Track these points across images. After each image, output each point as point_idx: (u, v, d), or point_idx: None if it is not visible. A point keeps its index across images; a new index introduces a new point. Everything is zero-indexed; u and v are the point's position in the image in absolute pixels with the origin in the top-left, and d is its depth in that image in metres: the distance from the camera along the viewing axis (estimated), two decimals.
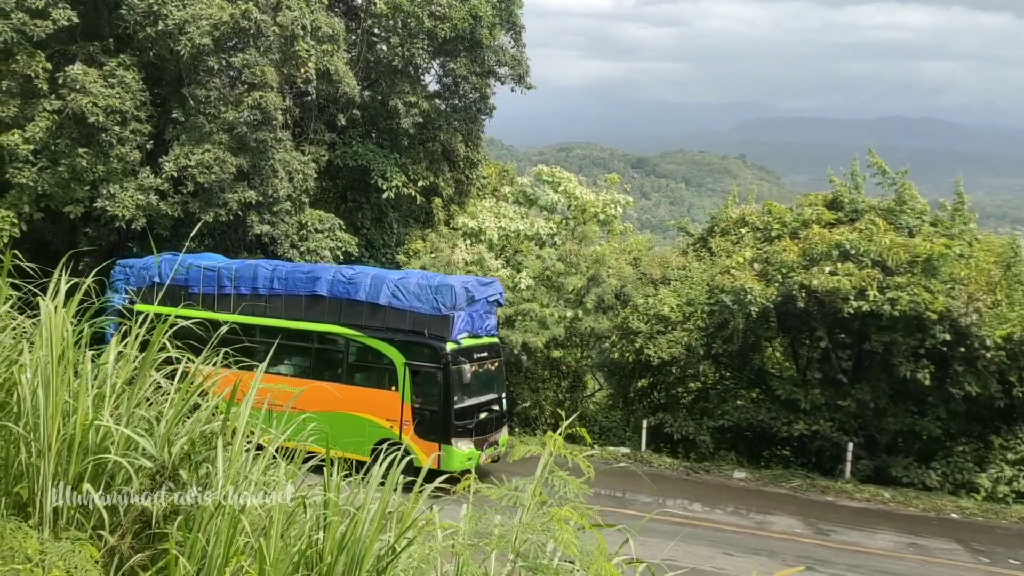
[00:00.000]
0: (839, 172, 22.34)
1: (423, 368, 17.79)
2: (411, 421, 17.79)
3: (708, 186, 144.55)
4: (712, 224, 24.77)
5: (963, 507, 18.46)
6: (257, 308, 19.18)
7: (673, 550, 14.16)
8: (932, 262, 18.47)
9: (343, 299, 18.71)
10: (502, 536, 4.22)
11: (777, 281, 19.69)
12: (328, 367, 19.14)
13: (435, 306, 17.98)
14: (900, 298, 18.03)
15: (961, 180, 21.63)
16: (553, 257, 24.05)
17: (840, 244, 19.07)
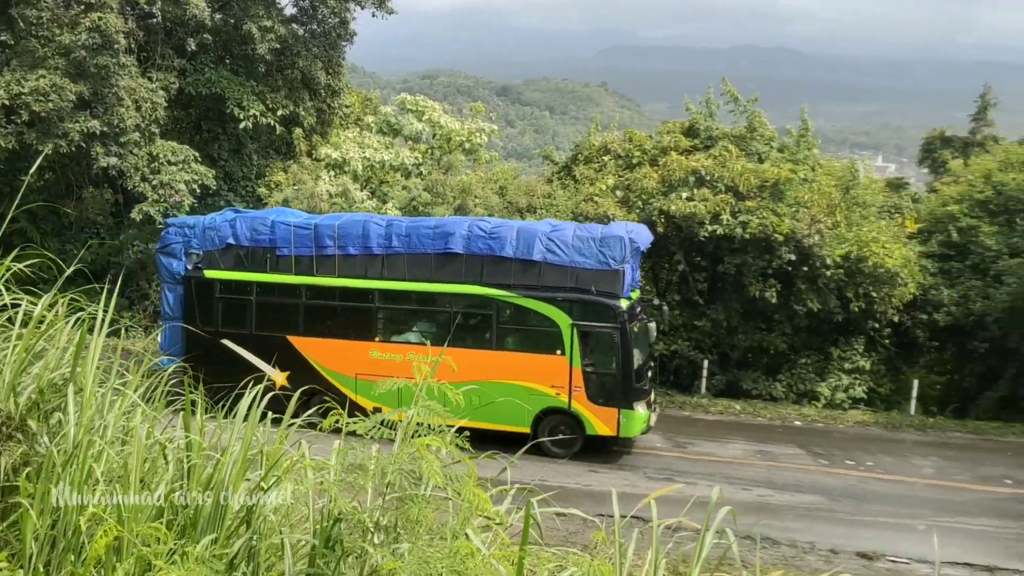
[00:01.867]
0: (695, 100, 23.06)
1: (595, 329, 16.19)
2: (581, 387, 16.30)
3: (572, 114, 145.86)
4: (576, 152, 25.12)
5: (805, 415, 19.93)
6: (371, 270, 17.23)
7: (543, 472, 14.74)
8: (779, 186, 19.49)
9: (484, 256, 16.60)
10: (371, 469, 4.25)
11: (638, 207, 20.29)
12: (471, 333, 17.13)
13: (602, 260, 16.16)
14: (751, 221, 18.99)
15: (806, 108, 22.74)
16: (419, 187, 23.85)
17: (696, 171, 19.79)
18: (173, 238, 18.16)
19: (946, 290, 20.40)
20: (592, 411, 16.20)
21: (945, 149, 30.31)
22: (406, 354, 16.54)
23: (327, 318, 17.73)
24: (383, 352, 16.92)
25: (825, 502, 15.21)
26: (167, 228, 18.47)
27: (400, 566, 3.44)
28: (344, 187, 23.30)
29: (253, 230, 17.69)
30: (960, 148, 29.99)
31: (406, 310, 17.56)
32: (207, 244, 17.88)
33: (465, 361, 16.05)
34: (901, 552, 13.44)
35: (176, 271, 18.07)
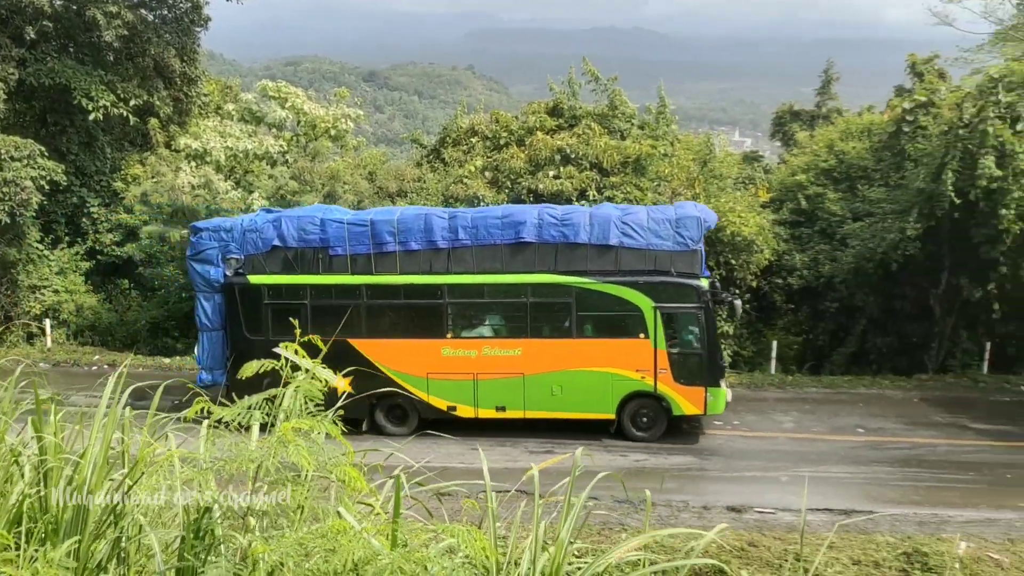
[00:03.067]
0: (558, 80, 23.47)
1: (679, 310, 16.19)
2: (667, 368, 16.26)
3: (440, 98, 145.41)
4: (444, 135, 25.16)
5: None
6: (436, 264, 16.54)
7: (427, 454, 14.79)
8: (641, 162, 20.14)
9: (557, 243, 16.25)
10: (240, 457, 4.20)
11: (507, 187, 20.55)
12: (549, 323, 16.71)
13: (680, 241, 16.04)
14: (616, 197, 19.55)
15: (663, 86, 23.56)
16: (286, 176, 23.33)
17: (562, 149, 20.21)
18: (207, 243, 16.92)
19: (798, 255, 21.63)
20: (679, 392, 16.32)
21: (794, 122, 32.00)
22: (481, 349, 16.47)
23: (392, 318, 16.99)
24: (456, 349, 16.55)
25: (697, 462, 15.93)
26: (197, 233, 17.08)
27: (271, 549, 3.45)
28: (207, 178, 22.53)
29: (301, 230, 16.70)
30: (807, 121, 31.73)
31: (478, 304, 16.89)
32: (248, 248, 16.79)
33: (544, 352, 16.40)
34: (767, 503, 14.26)
35: (214, 278, 16.94)
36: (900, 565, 12.70)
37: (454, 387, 16.54)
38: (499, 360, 16.40)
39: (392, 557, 3.39)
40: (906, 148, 21.42)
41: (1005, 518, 13.86)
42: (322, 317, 16.38)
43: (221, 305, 16.98)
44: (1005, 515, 13.96)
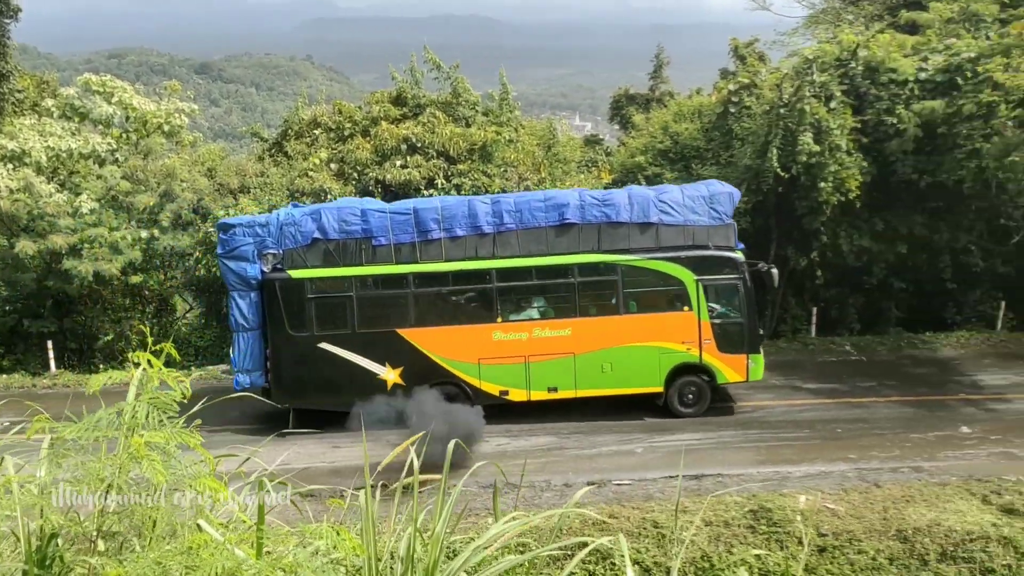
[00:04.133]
0: (400, 69, 23.28)
1: (720, 282, 16.85)
2: (711, 339, 16.84)
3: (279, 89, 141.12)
4: (286, 128, 24.46)
5: None
6: (482, 250, 16.50)
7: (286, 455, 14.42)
8: (487, 149, 20.31)
9: (600, 223, 16.55)
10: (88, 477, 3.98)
11: (354, 179, 20.24)
12: (596, 301, 16.93)
13: (715, 216, 16.77)
14: (464, 184, 19.65)
15: (504, 73, 23.77)
16: (117, 175, 22.02)
17: (407, 138, 20.09)
18: (242, 239, 16.21)
19: None
20: (723, 360, 16.94)
21: (631, 106, 33.08)
22: (532, 332, 16.69)
23: (442, 305, 16.84)
24: (507, 333, 16.69)
25: (557, 441, 16.33)
26: (229, 230, 16.29)
27: (124, 571, 3.29)
28: (26, 181, 20.94)
29: (342, 221, 16.29)
30: (643, 104, 32.88)
31: (527, 287, 16.92)
32: (286, 242, 16.28)
33: (593, 330, 16.72)
34: (624, 475, 14.84)
35: (251, 275, 16.29)
36: (748, 522, 13.52)
37: (506, 371, 16.74)
38: (550, 341, 16.73)
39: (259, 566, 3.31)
40: (733, 128, 22.59)
41: (838, 470, 14.99)
42: (369, 309, 16.53)
43: (258, 303, 16.48)
44: (838, 467, 15.10)
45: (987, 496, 14.05)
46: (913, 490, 14.23)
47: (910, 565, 13.10)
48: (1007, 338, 22.34)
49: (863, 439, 16.32)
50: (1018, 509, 13.67)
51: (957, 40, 20.82)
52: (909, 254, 21.89)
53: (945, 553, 13.15)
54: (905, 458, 15.46)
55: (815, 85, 19.96)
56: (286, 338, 16.35)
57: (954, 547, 13.19)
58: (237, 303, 16.51)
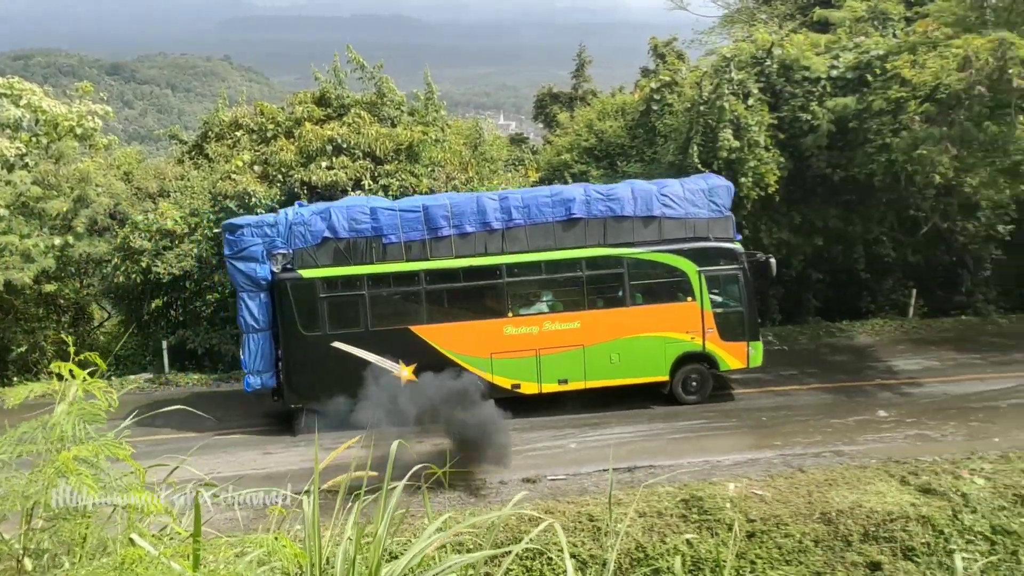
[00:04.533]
0: (323, 69, 22.98)
1: (721, 272, 17.37)
2: (714, 328, 17.34)
3: (196, 90, 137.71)
4: (206, 130, 23.92)
5: None
6: (491, 246, 16.74)
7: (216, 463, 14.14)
8: (414, 149, 20.21)
9: (605, 217, 16.96)
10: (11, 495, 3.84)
11: (279, 181, 19.92)
12: (603, 294, 17.35)
13: (714, 208, 17.34)
14: (392, 184, 19.52)
15: (429, 72, 23.68)
16: (27, 181, 21.17)
17: (333, 139, 19.86)
18: (250, 240, 16.13)
19: None
20: (725, 348, 17.48)
21: (554, 104, 33.30)
22: (542, 325, 16.97)
23: (454, 302, 17.06)
24: (518, 327, 16.95)
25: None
26: (236, 231, 16.20)
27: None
28: None
29: (352, 220, 16.38)
30: (566, 103, 33.14)
31: (537, 281, 17.25)
32: (296, 242, 16.27)
33: (601, 322, 17.10)
34: (559, 470, 14.98)
35: (261, 276, 16.25)
36: (680, 511, 13.80)
37: (518, 365, 16.99)
38: (560, 334, 17.06)
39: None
40: (656, 125, 22.98)
41: (764, 457, 15.42)
42: (381, 307, 16.70)
43: (268, 304, 16.44)
44: (764, 454, 15.52)
45: (905, 477, 14.62)
46: (835, 474, 14.72)
47: (834, 546, 13.55)
48: (918, 325, 23.26)
49: (787, 426, 16.81)
50: (934, 489, 14.26)
51: (866, 38, 21.60)
52: (825, 246, 22.61)
53: (867, 533, 13.65)
54: (827, 443, 15.98)
55: (733, 83, 20.46)
56: (298, 338, 16.34)
57: (875, 527, 13.70)
58: (247, 304, 16.41)
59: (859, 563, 13.47)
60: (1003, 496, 14.18)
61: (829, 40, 22.17)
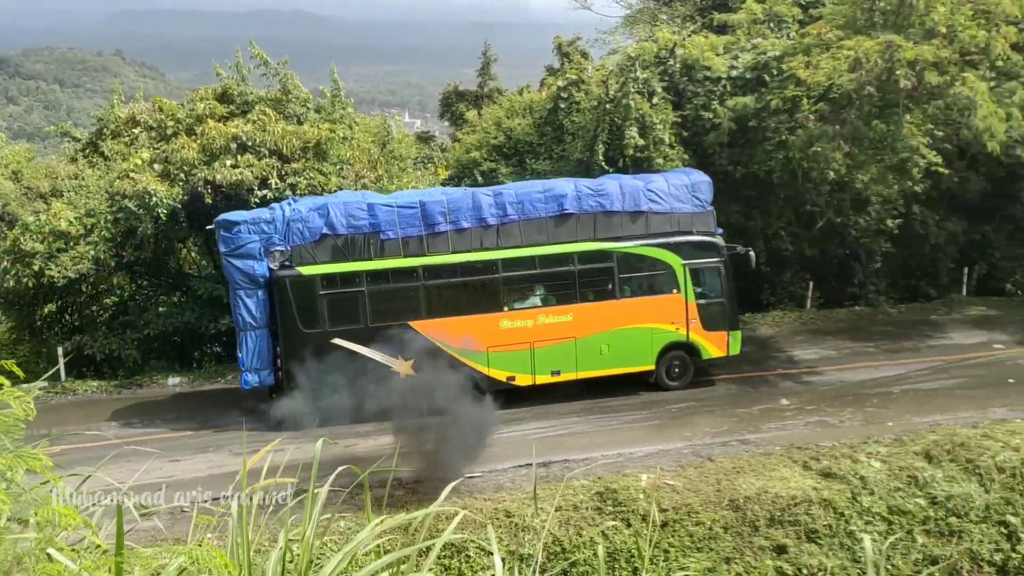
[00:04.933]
0: (225, 65, 22.33)
1: (705, 265, 17.93)
2: (697, 318, 17.89)
3: (87, 86, 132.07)
4: (101, 127, 22.97)
5: None
6: (486, 241, 16.98)
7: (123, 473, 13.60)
8: (321, 146, 19.85)
9: (595, 213, 17.37)
10: None
11: (181, 180, 19.28)
12: (594, 287, 17.66)
13: (697, 203, 17.97)
14: (299, 183, 19.14)
15: (335, 69, 23.32)
16: None
17: (237, 137, 19.33)
18: (247, 237, 15.96)
19: None
20: (707, 338, 18.11)
21: (460, 102, 33.35)
22: (536, 318, 17.29)
23: (451, 296, 17.16)
24: (513, 320, 17.22)
25: None
26: (233, 227, 15.99)
27: None
28: None
29: (350, 216, 16.36)
30: (472, 101, 33.23)
31: (530, 275, 17.48)
32: (294, 239, 16.21)
33: (592, 314, 17.48)
34: (475, 468, 14.96)
35: (259, 273, 16.12)
36: (595, 504, 14.02)
37: (513, 358, 17.27)
38: (553, 327, 17.42)
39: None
40: (564, 123, 23.24)
41: (675, 447, 15.79)
42: (381, 303, 16.69)
43: (265, 301, 16.33)
44: (675, 445, 15.90)
45: (807, 462, 15.22)
46: (742, 461, 15.21)
47: (743, 532, 14.02)
48: (816, 316, 24.20)
49: (695, 417, 17.27)
50: (835, 473, 14.90)
51: (763, 40, 22.37)
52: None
53: (773, 518, 14.16)
54: (733, 432, 16.49)
55: (638, 82, 20.89)
56: (298, 335, 16.20)
57: (781, 512, 14.22)
58: (244, 302, 16.25)
59: (766, 547, 13.97)
60: (898, 478, 14.91)
61: (728, 41, 22.86)
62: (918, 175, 20.99)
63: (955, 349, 20.74)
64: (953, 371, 19.45)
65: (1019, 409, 17.31)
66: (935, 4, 18.42)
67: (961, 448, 15.50)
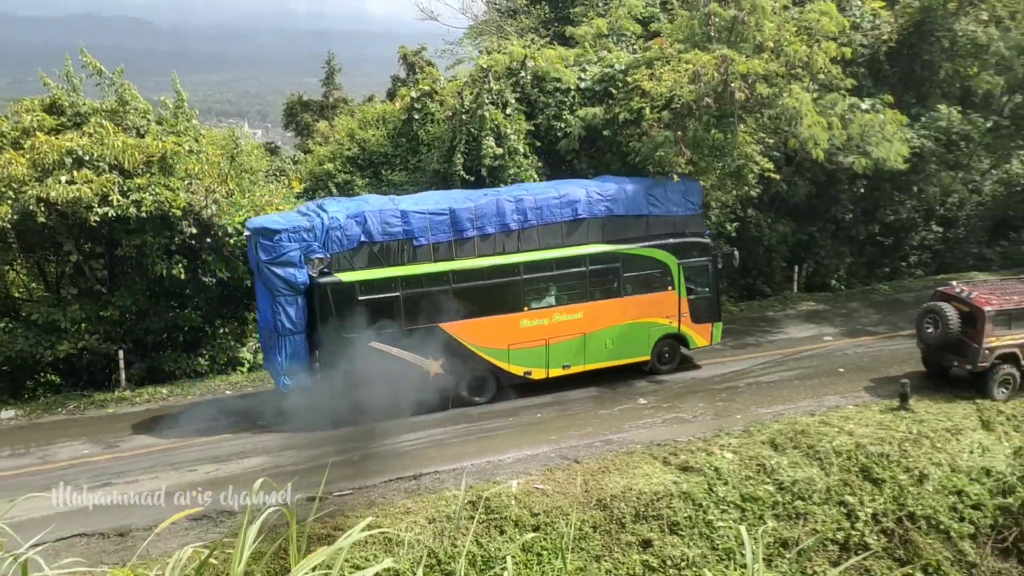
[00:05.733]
0: (52, 74, 20.84)
1: (695, 264, 19.59)
2: (687, 312, 19.64)
3: None
4: None
5: (233, 382, 20.12)
6: (508, 245, 18.05)
7: None
8: (167, 160, 18.90)
9: (603, 217, 18.66)
10: None
11: (10, 198, 17.83)
12: (601, 286, 18.95)
13: (690, 206, 19.68)
14: (144, 199, 18.15)
15: (177, 78, 22.26)
16: None
17: (72, 151, 18.09)
18: (288, 245, 16.29)
19: None
20: (695, 330, 19.90)
21: (305, 112, 32.77)
22: (552, 317, 18.43)
23: (478, 299, 17.80)
24: (532, 319, 18.30)
25: (271, 461, 15.71)
26: (273, 235, 16.23)
27: None
28: None
29: (385, 223, 16.97)
30: (317, 111, 32.74)
31: (548, 277, 18.48)
32: (333, 246, 16.64)
33: (600, 312, 18.82)
34: (345, 485, 14.71)
35: (299, 281, 16.48)
36: (468, 513, 14.09)
37: (530, 354, 18.40)
38: (566, 324, 18.61)
39: None
40: (419, 134, 23.23)
41: (542, 452, 16.09)
42: (414, 306, 17.24)
43: (304, 307, 16.66)
44: (542, 449, 16.20)
45: (667, 458, 15.91)
46: (607, 461, 15.71)
47: (611, 530, 14.51)
48: None
49: (560, 420, 17.67)
50: (692, 466, 15.65)
51: (608, 53, 23.23)
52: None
53: (638, 514, 14.72)
54: (597, 433, 16.99)
55: (492, 92, 21.20)
56: (339, 339, 16.60)
57: (645, 507, 14.80)
58: (284, 309, 16.58)
59: (632, 543, 14.51)
60: (748, 467, 15.86)
61: (576, 54, 23.59)
62: (753, 181, 22.38)
63: (791, 343, 22.19)
64: (791, 363, 20.81)
65: (850, 395, 18.80)
66: (764, 21, 19.74)
67: (802, 435, 16.66)
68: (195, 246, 19.64)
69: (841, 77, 21.92)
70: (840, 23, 21.42)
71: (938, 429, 17.22)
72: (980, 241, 30.10)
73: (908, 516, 15.72)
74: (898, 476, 16.07)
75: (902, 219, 27.09)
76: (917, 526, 15.68)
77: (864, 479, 16.01)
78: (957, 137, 27.19)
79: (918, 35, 26.37)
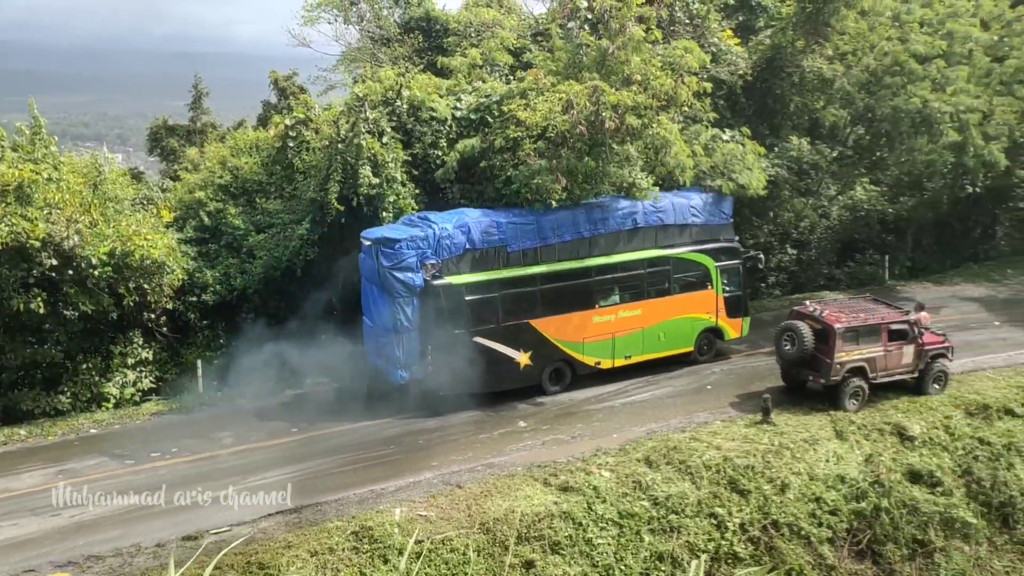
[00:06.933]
0: None
1: (729, 266, 22.66)
2: (723, 308, 22.66)
3: None
4: None
5: (99, 420, 19.23)
6: (581, 251, 20.69)
7: None
8: (25, 189, 17.99)
9: (655, 226, 21.53)
10: None
11: None
12: (655, 286, 21.70)
13: (723, 216, 22.86)
14: (1, 231, 17.19)
15: (34, 103, 21.18)
16: None
17: None
18: (407, 252, 18.54)
19: (208, 271, 21.46)
20: (729, 323, 22.94)
21: (172, 137, 31.66)
22: (617, 313, 21.12)
23: (560, 298, 20.40)
24: (602, 316, 20.97)
25: (138, 501, 15.01)
26: (394, 244, 18.52)
27: None
28: None
29: (485, 232, 19.43)
30: (184, 135, 31.69)
31: (614, 278, 21.17)
32: (443, 253, 18.88)
33: (655, 309, 21.61)
34: (221, 522, 14.33)
35: (416, 284, 18.70)
36: (352, 544, 14.04)
37: (600, 346, 21.00)
38: (629, 320, 21.29)
39: None
40: (293, 161, 22.91)
41: (424, 478, 16.18)
42: (509, 305, 19.77)
43: (418, 308, 18.78)
44: (424, 476, 16.29)
45: (547, 479, 16.25)
46: (489, 485, 15.93)
47: (494, 553, 14.67)
48: None
49: (442, 446, 17.81)
50: (572, 486, 16.04)
51: (483, 84, 23.66)
52: None
53: (521, 536, 14.96)
54: (478, 457, 17.21)
55: (368, 121, 21.21)
56: (450, 335, 18.82)
57: (527, 529, 15.07)
58: (401, 309, 18.73)
59: (516, 564, 14.73)
60: (625, 484, 16.38)
61: (450, 85, 23.91)
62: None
63: (661, 362, 23.01)
64: (662, 382, 21.61)
65: (718, 412, 19.70)
66: (631, 55, 20.63)
67: (674, 451, 17.33)
68: (56, 279, 18.65)
69: (705, 109, 23.15)
70: (702, 59, 22.61)
71: (797, 440, 18.24)
72: (830, 262, 32.04)
73: (772, 524, 16.57)
74: (762, 486, 16.91)
75: (760, 243, 28.62)
76: (781, 533, 16.56)
77: (732, 491, 16.77)
78: (807, 166, 29.20)
79: (770, 71, 28.10)
